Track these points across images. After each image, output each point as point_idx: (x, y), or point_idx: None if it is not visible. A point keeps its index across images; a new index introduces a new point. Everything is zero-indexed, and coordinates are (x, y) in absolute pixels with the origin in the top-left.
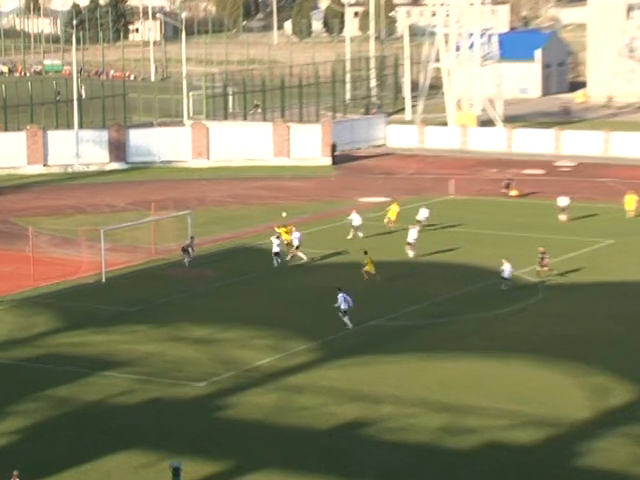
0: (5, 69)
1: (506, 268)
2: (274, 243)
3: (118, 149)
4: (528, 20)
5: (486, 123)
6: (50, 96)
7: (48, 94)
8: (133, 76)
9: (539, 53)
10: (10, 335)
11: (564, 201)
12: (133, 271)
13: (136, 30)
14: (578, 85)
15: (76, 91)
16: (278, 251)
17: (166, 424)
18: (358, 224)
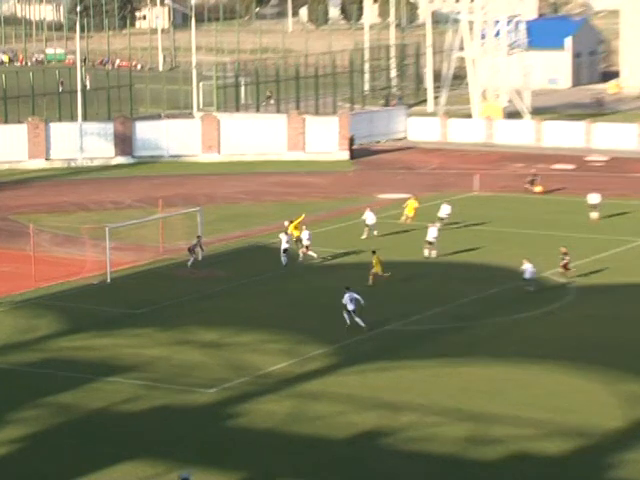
0: (5, 58)
1: (527, 268)
2: (282, 240)
3: (124, 142)
4: (558, 6)
5: (513, 115)
6: (52, 87)
7: (50, 84)
8: (140, 66)
9: (569, 41)
10: (10, 338)
11: (595, 198)
12: (139, 271)
13: (143, 17)
14: (610, 75)
15: (80, 81)
16: (287, 247)
17: (174, 433)
18: (372, 223)
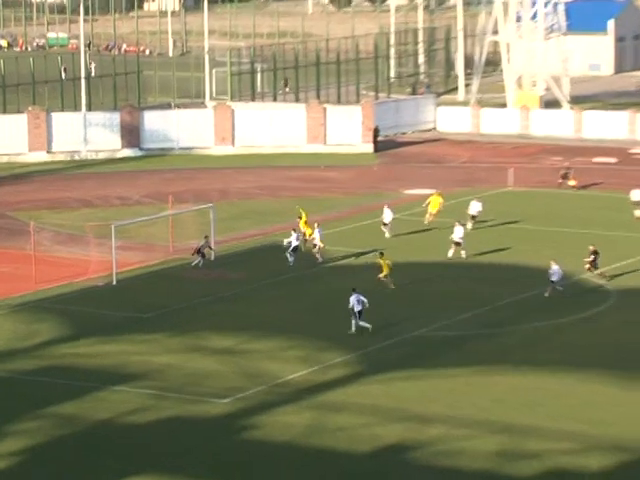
0: (4, 43)
1: (554, 270)
2: (292, 237)
3: (131, 134)
4: None
5: (550, 104)
6: (54, 74)
7: (52, 71)
8: (148, 51)
9: (612, 24)
10: (9, 344)
11: (639, 194)
12: (148, 272)
13: None
14: None
15: (84, 68)
16: (297, 245)
17: (184, 446)
18: (388, 221)
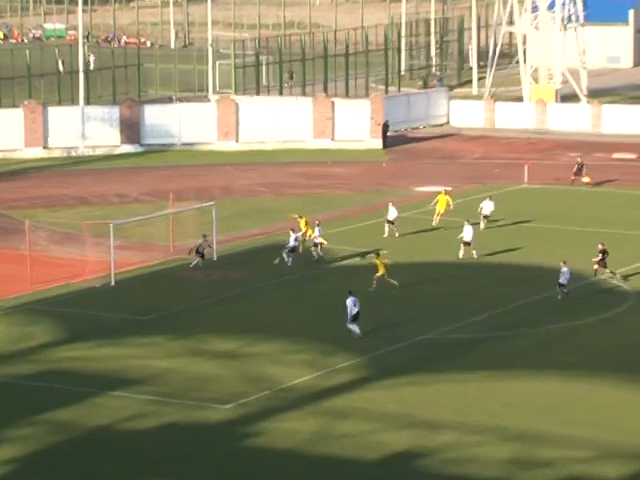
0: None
1: (563, 272)
2: (291, 237)
3: (131, 129)
4: None
5: (568, 98)
6: (51, 66)
7: (49, 64)
8: (149, 43)
9: (632, 14)
10: (3, 348)
11: None
12: (147, 273)
13: None
14: None
15: (82, 60)
16: (295, 246)
17: (184, 453)
18: (393, 218)
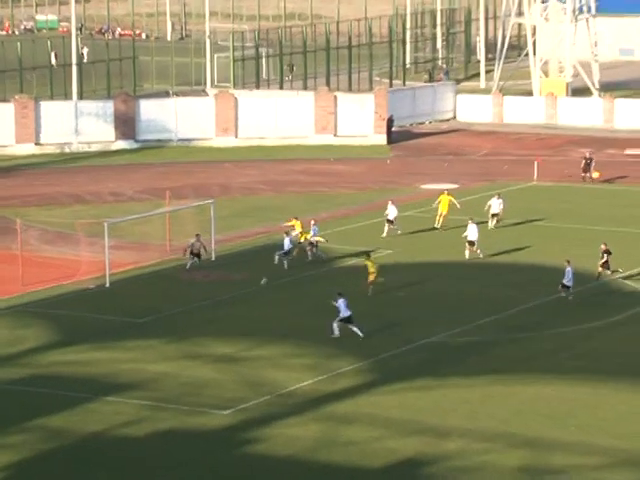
0: None
1: (567, 272)
2: (285, 240)
3: (126, 124)
4: None
5: (579, 92)
6: (44, 59)
7: (41, 57)
8: (145, 35)
9: None
10: None
11: None
12: (143, 274)
13: None
14: None
15: (75, 53)
16: (290, 249)
17: (181, 460)
18: (392, 218)
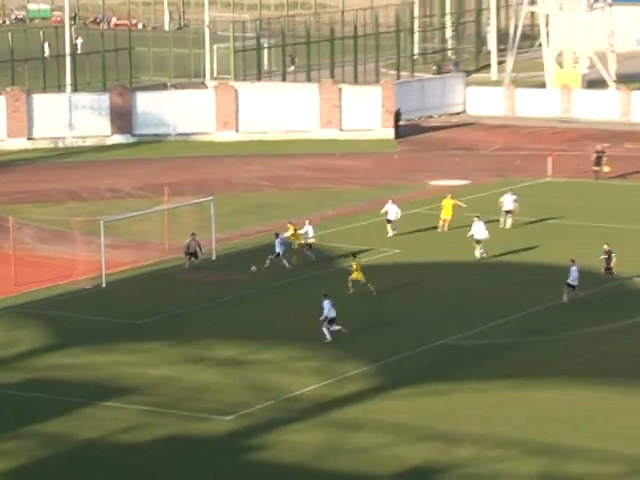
0: None
1: (572, 272)
2: (276, 241)
3: (122, 118)
4: None
5: (595, 84)
6: (36, 50)
7: (33, 47)
8: (141, 24)
9: None
10: None
11: None
12: (141, 273)
13: None
14: None
15: (69, 44)
16: (280, 252)
17: (183, 468)
18: (394, 218)
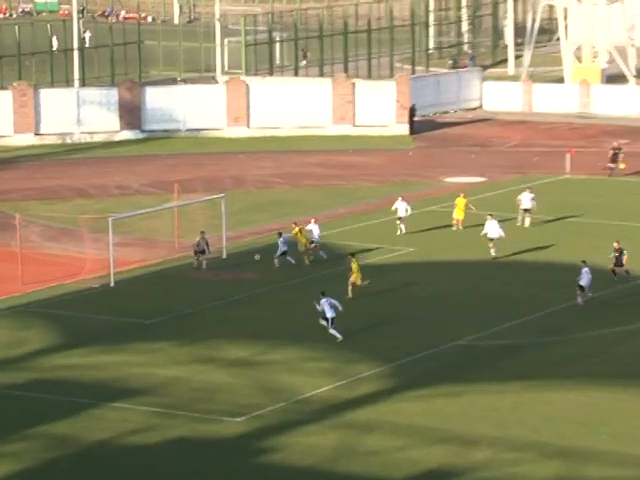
0: None
1: (583, 273)
2: (279, 240)
3: (131, 113)
4: None
5: (614, 79)
6: (43, 44)
7: (41, 41)
8: (151, 18)
9: None
10: None
11: None
12: (150, 272)
13: None
14: None
15: (77, 38)
16: (286, 250)
17: (193, 469)
18: (403, 215)
